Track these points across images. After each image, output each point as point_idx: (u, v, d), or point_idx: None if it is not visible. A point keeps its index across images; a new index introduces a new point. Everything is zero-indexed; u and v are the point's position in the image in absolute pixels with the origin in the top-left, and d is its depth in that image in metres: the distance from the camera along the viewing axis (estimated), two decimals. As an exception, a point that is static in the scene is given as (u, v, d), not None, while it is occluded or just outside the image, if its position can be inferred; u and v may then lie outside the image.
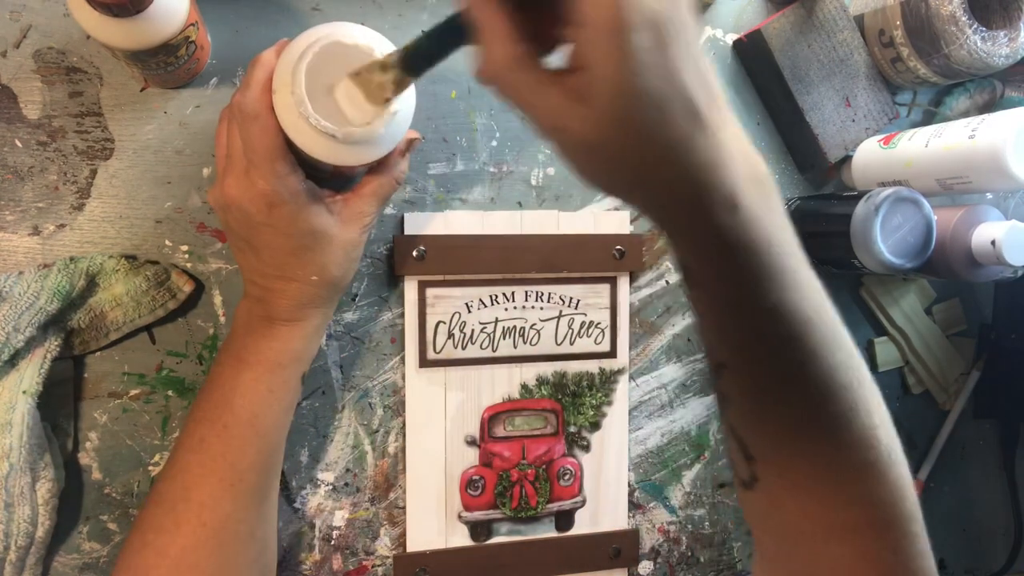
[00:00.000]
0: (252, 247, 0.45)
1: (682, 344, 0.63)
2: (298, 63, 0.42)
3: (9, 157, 0.49)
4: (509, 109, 0.41)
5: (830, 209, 0.53)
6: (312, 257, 0.45)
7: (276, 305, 0.46)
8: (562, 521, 0.60)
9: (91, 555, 0.51)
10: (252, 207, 0.43)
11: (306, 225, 0.44)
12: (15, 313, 0.46)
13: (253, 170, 0.43)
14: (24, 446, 0.46)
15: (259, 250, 0.45)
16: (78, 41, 0.50)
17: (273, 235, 0.44)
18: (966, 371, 0.71)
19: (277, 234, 0.44)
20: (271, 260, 0.45)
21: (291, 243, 0.44)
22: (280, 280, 0.45)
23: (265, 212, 0.43)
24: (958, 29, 0.55)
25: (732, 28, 0.63)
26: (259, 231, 0.44)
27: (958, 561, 0.73)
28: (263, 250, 0.45)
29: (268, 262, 0.45)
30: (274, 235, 0.44)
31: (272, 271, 0.45)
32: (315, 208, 0.45)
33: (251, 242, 0.45)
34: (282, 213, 0.43)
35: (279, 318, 0.46)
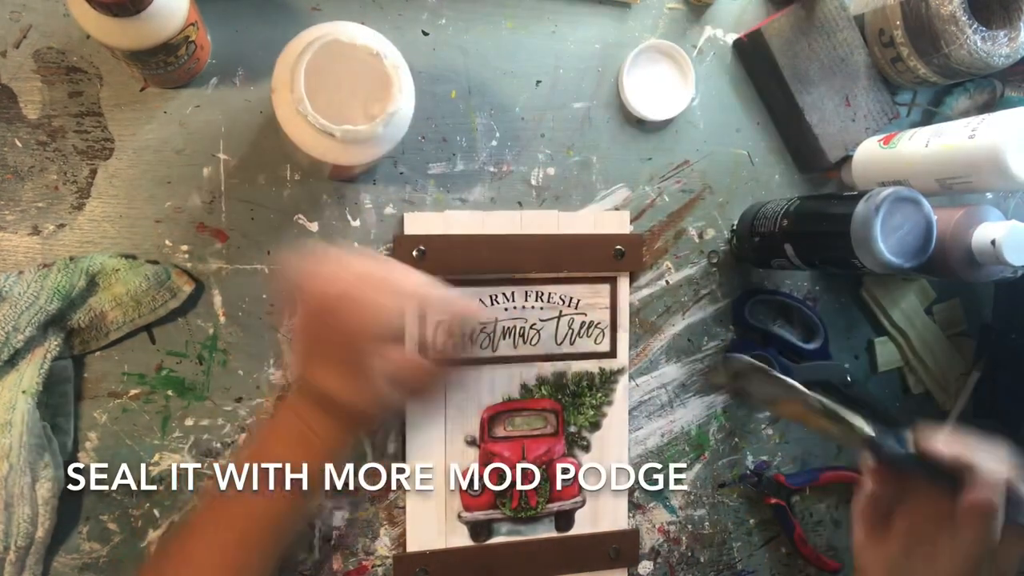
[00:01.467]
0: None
1: (682, 344, 0.63)
2: (297, 62, 0.42)
3: (9, 157, 0.49)
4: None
5: (830, 209, 0.53)
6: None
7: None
8: (562, 521, 0.60)
9: (91, 555, 0.51)
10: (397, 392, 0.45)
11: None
12: (15, 313, 0.46)
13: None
14: (24, 446, 0.46)
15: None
16: (78, 41, 0.50)
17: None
18: (966, 371, 0.71)
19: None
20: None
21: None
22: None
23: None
24: (958, 29, 0.55)
25: (732, 28, 0.63)
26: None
27: (958, 561, 0.73)
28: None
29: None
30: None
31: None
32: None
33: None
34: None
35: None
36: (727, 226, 0.64)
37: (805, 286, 0.66)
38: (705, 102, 0.63)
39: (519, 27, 0.58)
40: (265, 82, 0.52)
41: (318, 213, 0.54)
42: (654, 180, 0.62)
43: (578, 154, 0.60)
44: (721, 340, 0.64)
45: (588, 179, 0.60)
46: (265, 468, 0.44)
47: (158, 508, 0.52)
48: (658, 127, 0.62)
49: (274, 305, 0.53)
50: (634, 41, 0.60)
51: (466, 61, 0.57)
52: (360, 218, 0.55)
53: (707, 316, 0.64)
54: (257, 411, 0.54)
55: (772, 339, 0.64)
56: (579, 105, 0.60)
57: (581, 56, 0.60)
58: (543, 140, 0.59)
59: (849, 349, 0.68)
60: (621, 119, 0.61)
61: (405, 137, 0.48)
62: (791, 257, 0.56)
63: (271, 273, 0.52)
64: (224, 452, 0.53)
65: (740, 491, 0.65)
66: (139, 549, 0.52)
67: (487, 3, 0.57)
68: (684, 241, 0.63)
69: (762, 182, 0.65)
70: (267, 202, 0.53)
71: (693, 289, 0.63)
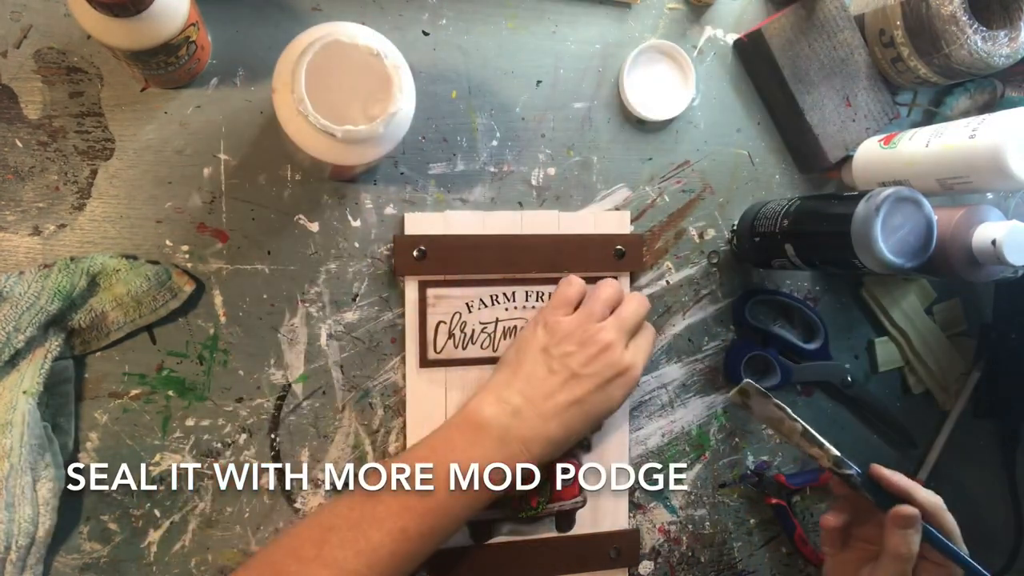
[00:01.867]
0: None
1: (682, 344, 0.63)
2: (298, 62, 0.42)
3: (9, 157, 0.49)
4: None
5: (830, 209, 0.53)
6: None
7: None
8: (562, 521, 0.60)
9: (91, 555, 0.51)
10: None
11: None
12: (16, 313, 0.46)
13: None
14: (24, 446, 0.46)
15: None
16: (78, 41, 0.50)
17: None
18: (966, 371, 0.71)
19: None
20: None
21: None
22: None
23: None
24: (958, 29, 0.55)
25: (732, 28, 0.63)
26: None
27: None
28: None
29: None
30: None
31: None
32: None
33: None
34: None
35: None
36: (727, 226, 0.64)
37: (805, 286, 0.66)
38: (705, 102, 0.63)
39: (519, 27, 0.58)
40: (266, 82, 0.52)
41: (319, 213, 0.55)
42: (654, 180, 0.62)
43: (578, 154, 0.60)
44: (721, 340, 0.64)
45: (588, 179, 0.60)
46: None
47: (159, 508, 0.52)
48: (658, 127, 0.62)
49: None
50: (634, 41, 0.60)
51: (466, 61, 0.57)
52: (360, 218, 0.55)
53: (707, 316, 0.64)
54: (257, 411, 0.54)
55: (772, 339, 0.64)
56: (579, 105, 0.60)
57: (581, 56, 0.60)
58: (543, 140, 0.59)
59: (849, 349, 0.68)
60: (621, 119, 0.61)
61: (405, 137, 0.48)
62: (791, 257, 0.56)
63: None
64: (224, 452, 0.53)
65: (741, 491, 0.65)
66: (139, 549, 0.52)
67: (487, 3, 0.57)
68: (684, 241, 0.63)
69: (762, 182, 0.65)
70: (268, 202, 0.53)
71: (693, 289, 0.63)
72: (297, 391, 0.55)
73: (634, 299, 0.55)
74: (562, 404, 0.51)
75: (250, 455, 0.54)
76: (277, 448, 0.54)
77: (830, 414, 0.68)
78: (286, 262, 0.54)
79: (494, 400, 0.51)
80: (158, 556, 0.52)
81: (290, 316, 0.54)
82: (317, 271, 0.55)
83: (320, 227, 0.55)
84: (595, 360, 0.51)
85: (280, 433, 0.54)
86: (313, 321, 0.55)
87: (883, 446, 0.70)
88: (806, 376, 0.65)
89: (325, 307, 0.55)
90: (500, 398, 0.51)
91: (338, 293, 0.55)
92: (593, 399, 0.52)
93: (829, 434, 0.68)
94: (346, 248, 0.55)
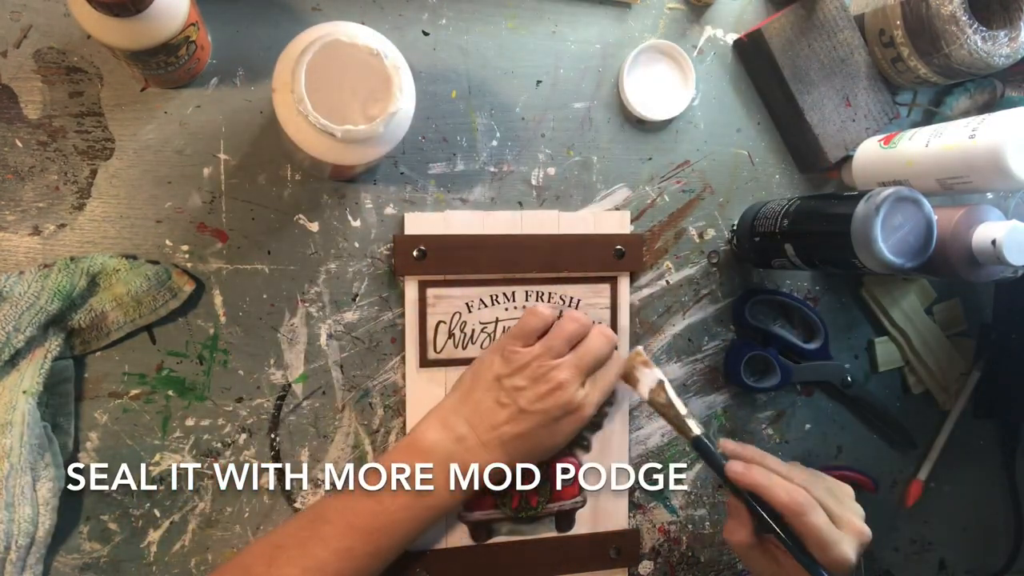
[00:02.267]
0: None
1: (682, 344, 0.63)
2: (298, 62, 0.42)
3: (9, 157, 0.49)
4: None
5: (830, 209, 0.53)
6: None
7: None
8: (562, 521, 0.60)
9: (91, 555, 0.51)
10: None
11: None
12: (15, 313, 0.46)
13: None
14: (24, 446, 0.46)
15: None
16: (78, 41, 0.50)
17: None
18: (966, 371, 0.71)
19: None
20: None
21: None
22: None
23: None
24: (958, 29, 0.55)
25: (732, 28, 0.63)
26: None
27: (958, 561, 0.73)
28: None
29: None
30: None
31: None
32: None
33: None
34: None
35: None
36: (727, 226, 0.64)
37: (805, 286, 0.66)
38: (705, 102, 0.63)
39: (519, 27, 0.58)
40: (265, 82, 0.53)
41: (318, 213, 0.55)
42: (654, 180, 0.62)
43: (578, 154, 0.60)
44: (722, 340, 0.64)
45: (588, 179, 0.60)
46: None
47: (159, 508, 0.52)
48: (658, 127, 0.62)
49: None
50: (634, 41, 0.60)
51: (466, 61, 0.57)
52: (360, 218, 0.55)
53: (707, 316, 0.64)
54: (257, 411, 0.54)
55: (772, 339, 0.64)
56: (579, 105, 0.60)
57: (581, 56, 0.60)
58: (543, 140, 0.59)
59: (849, 349, 0.68)
60: (621, 119, 0.61)
61: (405, 137, 0.48)
62: (791, 257, 0.56)
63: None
64: (224, 452, 0.53)
65: (740, 491, 0.65)
66: (139, 549, 0.52)
67: (487, 3, 0.57)
68: (684, 241, 0.63)
69: (762, 182, 0.65)
70: (267, 202, 0.53)
71: (693, 289, 0.63)
72: (297, 391, 0.55)
73: (597, 336, 0.55)
74: (507, 436, 0.52)
75: (250, 455, 0.54)
76: (277, 448, 0.54)
77: (830, 414, 0.68)
78: (286, 262, 0.54)
79: (440, 426, 0.52)
80: (158, 556, 0.52)
81: (290, 316, 0.54)
82: (317, 271, 0.55)
83: (320, 227, 0.55)
84: (545, 398, 0.51)
85: (280, 433, 0.54)
86: (313, 321, 0.55)
87: (883, 446, 0.70)
88: (806, 376, 0.65)
89: (325, 307, 0.55)
90: (446, 424, 0.52)
91: (338, 293, 0.55)
92: (539, 434, 0.52)
93: (829, 434, 0.68)
94: (346, 248, 0.55)
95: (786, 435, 0.67)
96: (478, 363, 0.56)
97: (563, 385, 0.52)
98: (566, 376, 0.52)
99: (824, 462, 0.68)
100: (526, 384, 0.52)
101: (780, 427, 0.66)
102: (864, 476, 0.67)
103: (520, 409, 0.51)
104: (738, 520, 0.50)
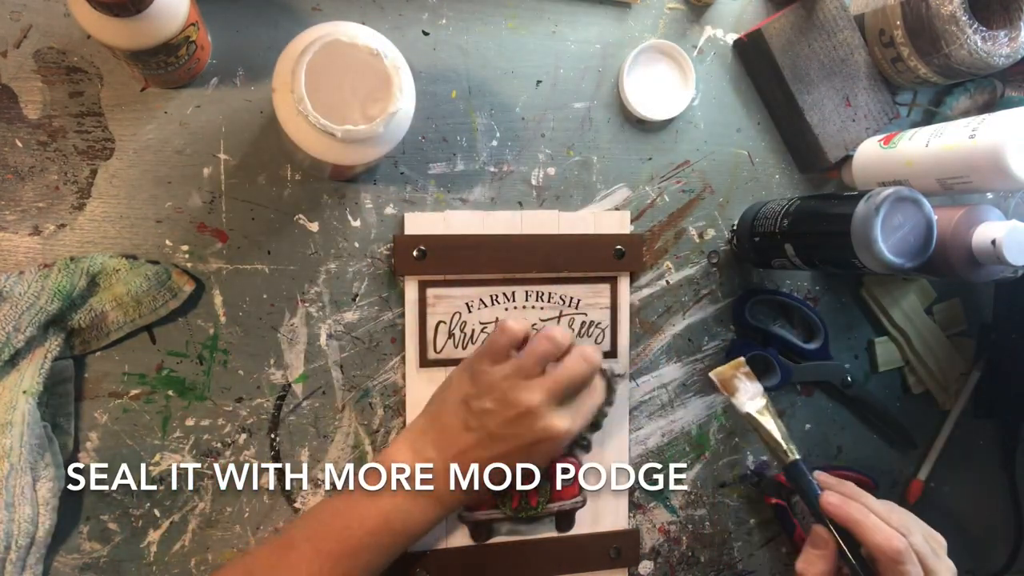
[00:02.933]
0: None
1: (682, 344, 0.63)
2: (298, 62, 0.42)
3: (9, 157, 0.49)
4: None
5: (830, 209, 0.53)
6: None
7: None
8: (562, 521, 0.60)
9: (91, 555, 0.51)
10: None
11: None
12: (15, 313, 0.46)
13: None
14: (24, 446, 0.46)
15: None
16: (78, 41, 0.50)
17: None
18: (966, 371, 0.71)
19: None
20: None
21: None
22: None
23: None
24: (958, 29, 0.55)
25: (732, 28, 0.63)
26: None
27: (958, 561, 0.72)
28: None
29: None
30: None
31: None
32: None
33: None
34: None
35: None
36: (727, 226, 0.64)
37: (805, 286, 0.66)
38: (705, 102, 0.63)
39: (519, 27, 0.58)
40: (265, 82, 0.53)
41: (318, 213, 0.55)
42: (654, 180, 0.62)
43: (578, 154, 0.60)
44: (722, 340, 0.64)
45: (588, 179, 0.60)
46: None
47: (159, 508, 0.52)
48: (658, 127, 0.62)
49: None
50: (634, 41, 0.60)
51: (466, 61, 0.57)
52: (360, 218, 0.55)
53: (707, 316, 0.64)
54: (257, 411, 0.54)
55: (772, 339, 0.64)
56: (579, 105, 0.60)
57: (581, 56, 0.60)
58: (543, 140, 0.59)
59: (849, 349, 0.68)
60: (621, 119, 0.61)
61: (405, 137, 0.48)
62: (791, 257, 0.56)
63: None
64: (224, 452, 0.53)
65: (741, 491, 0.65)
66: (139, 549, 0.52)
67: (487, 3, 0.57)
68: (684, 241, 0.63)
69: (762, 182, 0.65)
70: (267, 202, 0.53)
71: (693, 289, 0.63)
72: (297, 391, 0.55)
73: (575, 358, 0.51)
74: (475, 462, 0.49)
75: (250, 455, 0.54)
76: (277, 448, 0.54)
77: (830, 414, 0.68)
78: (286, 262, 0.54)
79: (408, 449, 0.51)
80: (158, 556, 0.52)
81: (290, 316, 0.54)
82: (317, 271, 0.55)
83: (320, 227, 0.55)
84: (513, 423, 0.48)
85: (280, 433, 0.54)
86: (313, 321, 0.55)
87: (883, 446, 0.70)
88: (806, 376, 0.65)
89: (325, 307, 0.55)
90: (414, 448, 0.51)
91: (338, 293, 0.55)
92: (511, 459, 0.50)
93: (829, 434, 0.68)
94: (346, 248, 0.55)
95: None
96: (447, 382, 0.53)
97: (532, 410, 0.48)
98: (536, 399, 0.48)
99: (824, 462, 0.68)
100: (493, 407, 0.48)
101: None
102: (864, 476, 0.67)
103: (489, 433, 0.49)
104: (818, 553, 0.48)
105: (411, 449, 0.51)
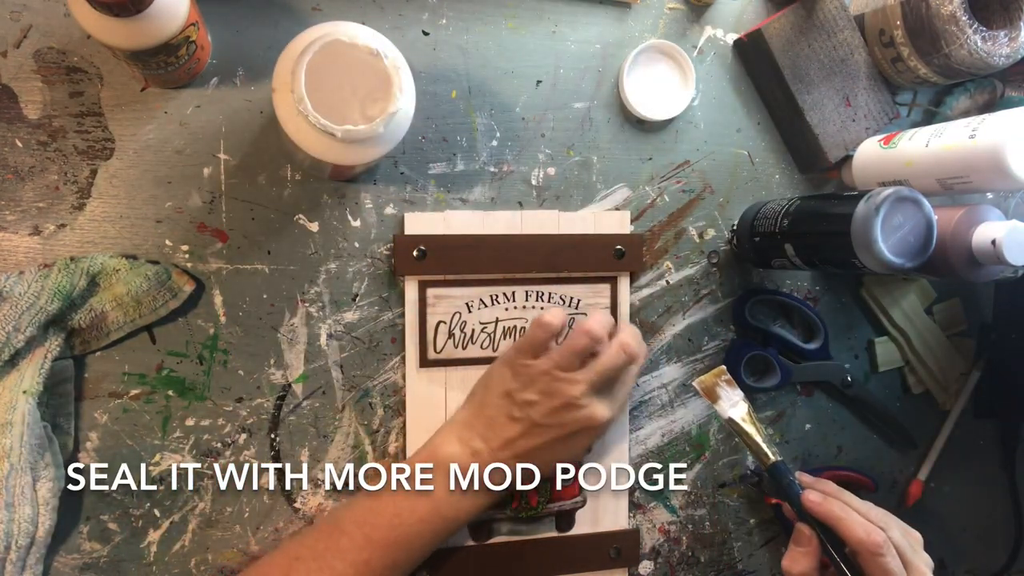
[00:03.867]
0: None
1: (682, 344, 0.63)
2: (298, 62, 0.42)
3: (9, 157, 0.49)
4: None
5: (830, 209, 0.53)
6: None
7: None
8: (562, 521, 0.60)
9: (91, 555, 0.51)
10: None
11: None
12: (15, 313, 0.46)
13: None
14: (24, 446, 0.46)
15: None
16: (78, 41, 0.50)
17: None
18: (966, 371, 0.71)
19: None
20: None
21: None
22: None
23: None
24: (958, 29, 0.55)
25: (732, 28, 0.63)
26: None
27: (958, 561, 0.73)
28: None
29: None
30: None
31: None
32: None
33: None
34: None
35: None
36: (727, 226, 0.64)
37: (805, 286, 0.66)
38: (705, 102, 0.63)
39: (519, 27, 0.58)
40: (265, 82, 0.53)
41: (318, 213, 0.55)
42: (654, 180, 0.62)
43: (578, 154, 0.60)
44: (722, 340, 0.64)
45: (588, 179, 0.60)
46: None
47: (159, 508, 0.52)
48: (658, 127, 0.62)
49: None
50: (634, 41, 0.60)
51: (466, 61, 0.57)
52: (360, 218, 0.55)
53: (707, 316, 0.64)
54: (257, 411, 0.54)
55: (772, 339, 0.64)
56: (579, 105, 0.60)
57: (581, 56, 0.60)
58: (543, 140, 0.59)
59: (849, 349, 0.68)
60: (621, 119, 0.61)
61: (405, 137, 0.48)
62: (791, 257, 0.56)
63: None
64: (224, 452, 0.53)
65: (741, 491, 0.65)
66: (139, 549, 0.52)
67: (487, 3, 0.57)
68: (684, 241, 0.63)
69: (762, 182, 0.65)
70: (267, 202, 0.53)
71: (693, 289, 0.63)
72: (297, 391, 0.55)
73: (615, 349, 0.53)
74: (521, 450, 0.51)
75: (250, 455, 0.54)
76: (277, 448, 0.54)
77: (830, 414, 0.68)
78: (286, 262, 0.54)
79: (455, 440, 0.52)
80: (158, 556, 0.52)
81: (290, 316, 0.54)
82: (317, 271, 0.55)
83: (320, 227, 0.55)
84: (557, 413, 0.51)
85: (280, 433, 0.54)
86: (313, 321, 0.55)
87: (883, 446, 0.70)
88: (806, 376, 0.65)
89: (325, 307, 0.55)
90: (461, 438, 0.52)
91: (338, 293, 0.55)
92: (555, 448, 0.52)
93: (829, 434, 0.68)
94: (346, 248, 0.55)
95: (786, 435, 0.67)
96: (487, 376, 0.55)
97: (574, 400, 0.51)
98: (577, 391, 0.51)
99: (824, 462, 0.68)
100: (537, 398, 0.51)
101: (780, 427, 0.66)
102: (864, 476, 0.67)
103: (534, 423, 0.51)
104: (802, 551, 0.50)
105: (459, 440, 0.52)
